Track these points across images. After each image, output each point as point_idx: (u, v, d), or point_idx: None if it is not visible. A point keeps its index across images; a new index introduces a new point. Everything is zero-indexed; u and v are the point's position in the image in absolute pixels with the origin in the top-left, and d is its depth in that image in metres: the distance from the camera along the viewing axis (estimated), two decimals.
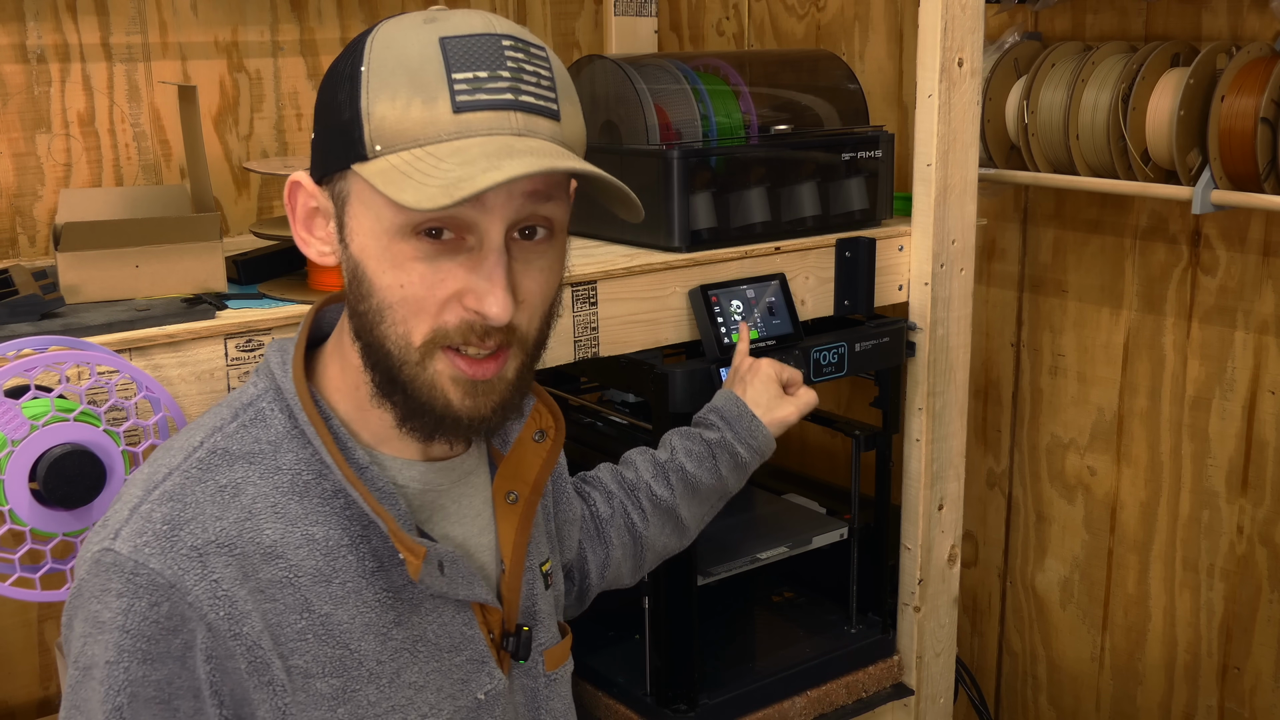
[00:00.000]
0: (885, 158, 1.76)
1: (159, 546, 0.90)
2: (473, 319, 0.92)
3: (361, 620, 0.97)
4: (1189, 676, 1.96)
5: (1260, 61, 1.61)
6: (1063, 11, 1.91)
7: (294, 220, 0.99)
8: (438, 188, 0.86)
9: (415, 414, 0.96)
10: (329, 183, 0.96)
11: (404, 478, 1.02)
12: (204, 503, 0.93)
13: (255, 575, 0.93)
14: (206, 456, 0.96)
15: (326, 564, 0.96)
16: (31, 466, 1.09)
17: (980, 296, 2.10)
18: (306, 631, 0.95)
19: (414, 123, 0.89)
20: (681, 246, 1.59)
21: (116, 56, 1.73)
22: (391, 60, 0.90)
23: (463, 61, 0.90)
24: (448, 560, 1.00)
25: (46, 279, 1.32)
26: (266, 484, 0.96)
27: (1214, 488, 1.88)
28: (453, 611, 1.03)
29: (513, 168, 0.86)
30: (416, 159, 0.89)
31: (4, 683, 1.76)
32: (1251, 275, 1.78)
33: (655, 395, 1.55)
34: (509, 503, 1.09)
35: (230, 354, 1.25)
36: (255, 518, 0.94)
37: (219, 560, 0.92)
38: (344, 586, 0.97)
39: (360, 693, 0.97)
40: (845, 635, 1.83)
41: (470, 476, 1.08)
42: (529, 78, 0.92)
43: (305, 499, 0.97)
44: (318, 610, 0.95)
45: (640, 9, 2.33)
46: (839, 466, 2.25)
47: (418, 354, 0.93)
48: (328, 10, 1.88)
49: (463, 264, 0.92)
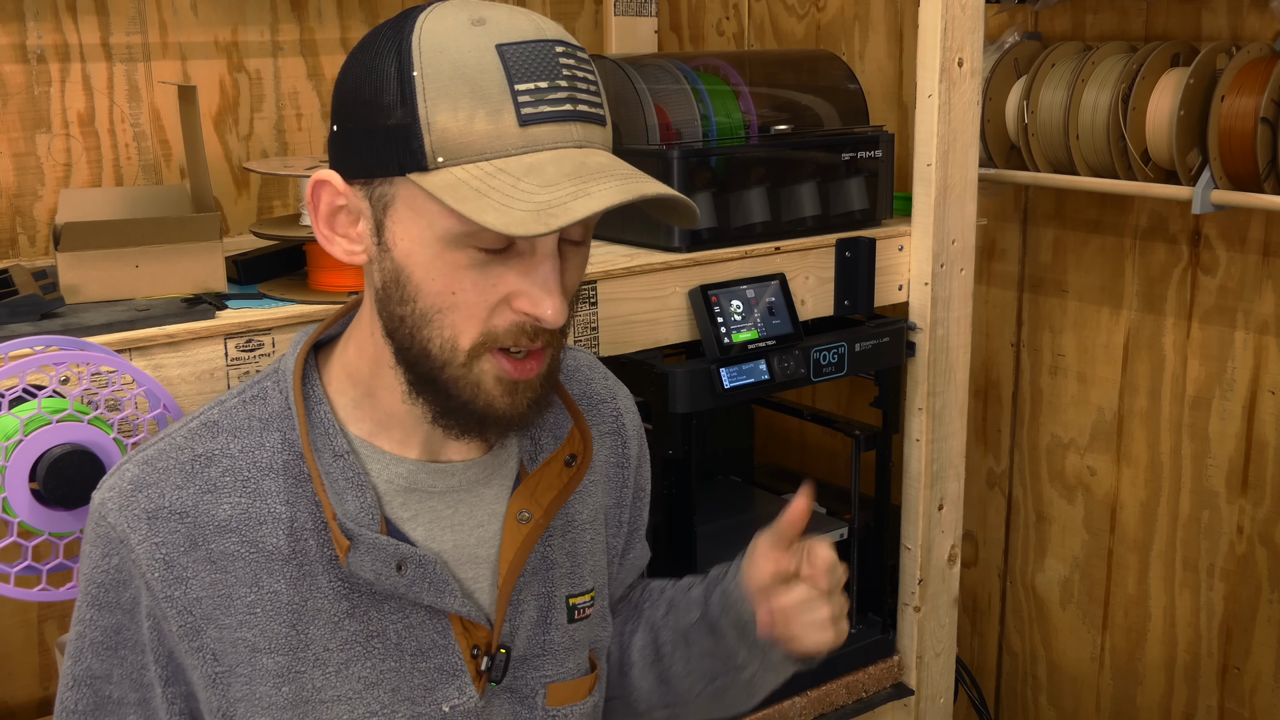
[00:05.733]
0: (885, 158, 1.76)
1: (119, 503, 0.96)
2: (524, 321, 0.93)
3: (313, 604, 0.98)
4: (1189, 676, 1.96)
5: (1260, 61, 1.61)
6: (1063, 11, 1.91)
7: (316, 217, 0.98)
8: (526, 213, 0.86)
9: (452, 412, 0.97)
10: (365, 184, 0.94)
11: (389, 473, 1.02)
12: (172, 470, 0.97)
13: (206, 545, 0.96)
14: (198, 427, 1.00)
15: (288, 544, 0.98)
16: (31, 466, 1.09)
17: (980, 296, 2.10)
18: (255, 605, 0.97)
19: (479, 135, 0.89)
20: (681, 246, 1.59)
21: (116, 56, 1.73)
22: (448, 67, 0.89)
23: (523, 72, 0.89)
24: (411, 562, 0.99)
25: (46, 279, 1.32)
26: (244, 458, 0.99)
27: (1214, 488, 1.88)
28: (423, 616, 1.02)
29: (602, 196, 0.87)
30: (488, 174, 0.88)
31: (4, 683, 1.76)
32: (1251, 275, 1.78)
33: (655, 395, 1.55)
34: (520, 521, 1.07)
35: (230, 354, 1.25)
36: (218, 490, 0.97)
37: (168, 526, 0.96)
38: (301, 569, 0.98)
39: (305, 675, 0.99)
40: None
41: (479, 486, 1.06)
42: (581, 85, 0.93)
43: (280, 477, 0.99)
44: (268, 587, 0.97)
45: (640, 9, 2.33)
46: (839, 466, 2.25)
47: (464, 356, 0.94)
48: (328, 10, 1.88)
49: (514, 268, 0.92)
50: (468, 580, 1.05)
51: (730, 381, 1.56)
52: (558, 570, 1.10)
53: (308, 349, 1.04)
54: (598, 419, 1.17)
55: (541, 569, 1.09)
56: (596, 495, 1.15)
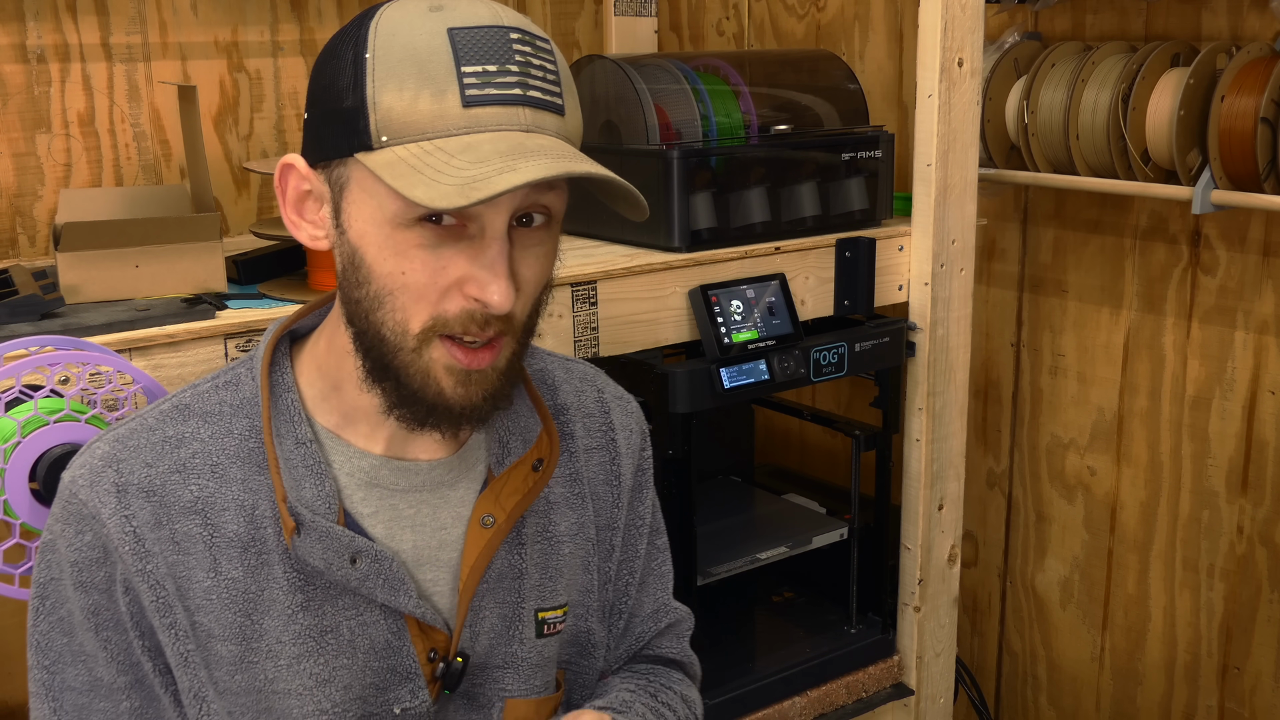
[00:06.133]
0: (885, 158, 1.76)
1: (89, 479, 0.96)
2: (473, 307, 0.92)
3: (268, 595, 0.98)
4: (1189, 676, 1.96)
5: (1260, 61, 1.61)
6: (1063, 11, 1.91)
7: (284, 203, 0.99)
8: (452, 186, 0.86)
9: (405, 401, 0.96)
10: (325, 167, 0.95)
11: (351, 466, 1.01)
12: (143, 449, 0.98)
13: (170, 525, 0.96)
14: (170, 410, 1.00)
15: (248, 531, 0.97)
16: (32, 466, 1.09)
17: (980, 296, 2.10)
18: (212, 591, 0.97)
19: (422, 115, 0.89)
20: (681, 246, 1.59)
21: (116, 56, 1.72)
22: (398, 49, 0.90)
23: (472, 54, 0.90)
24: (366, 556, 0.98)
25: (46, 279, 1.32)
26: (214, 444, 0.99)
27: (1214, 488, 1.88)
28: (377, 615, 1.00)
29: (528, 170, 0.87)
30: (426, 153, 0.89)
31: (4, 683, 1.76)
32: (1251, 275, 1.78)
33: (655, 395, 1.55)
34: (483, 526, 1.04)
35: (230, 354, 1.25)
36: (185, 472, 0.98)
37: (137, 501, 0.96)
38: (259, 557, 0.98)
39: (258, 666, 0.98)
40: (845, 635, 1.83)
41: (445, 488, 1.04)
42: (536, 72, 0.92)
43: (245, 465, 0.98)
44: (226, 573, 0.97)
45: (640, 9, 2.33)
46: (839, 466, 2.25)
47: (414, 341, 0.93)
48: (328, 10, 1.88)
49: (464, 251, 0.92)
50: (426, 582, 1.03)
51: (730, 381, 1.56)
52: (527, 581, 1.07)
53: (278, 336, 1.04)
54: (585, 431, 1.14)
55: (509, 577, 1.06)
56: (584, 510, 1.13)
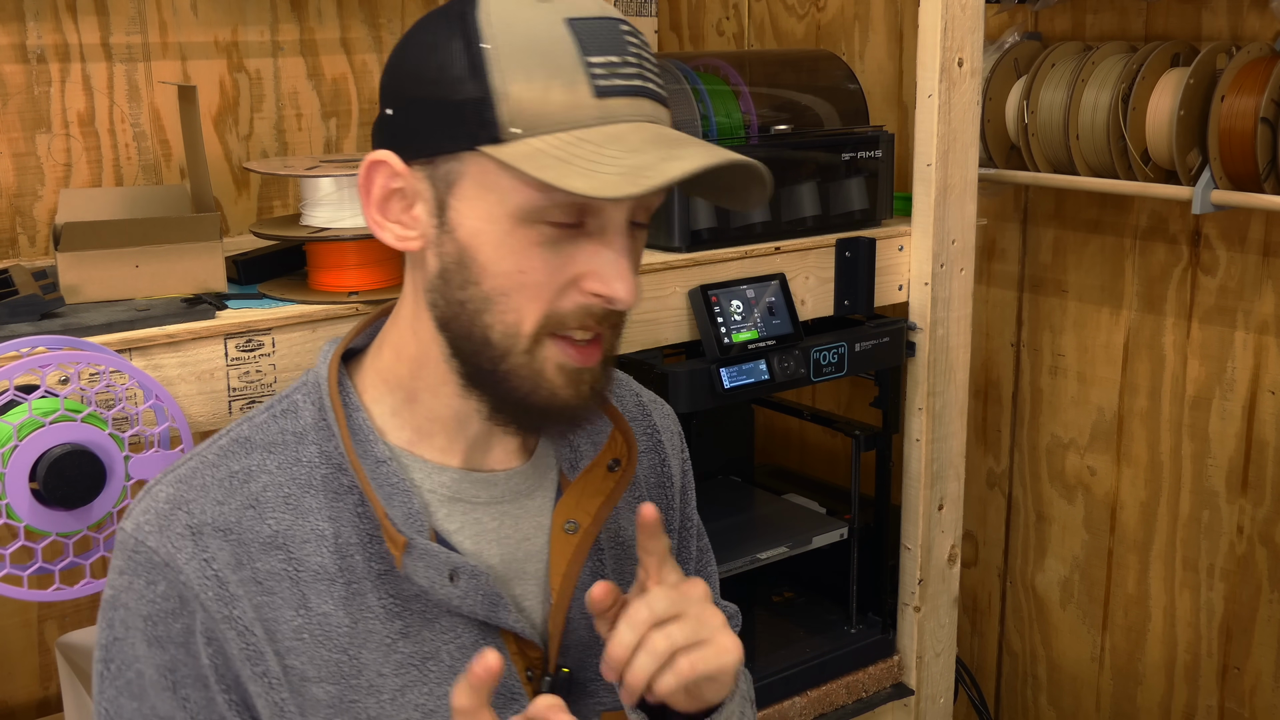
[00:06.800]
0: (885, 158, 1.76)
1: (157, 525, 0.91)
2: (591, 303, 0.90)
3: (364, 626, 0.93)
4: (1189, 676, 1.96)
5: (1260, 61, 1.61)
6: (1063, 11, 1.91)
7: (367, 203, 0.93)
8: (616, 176, 0.83)
9: (511, 406, 0.93)
10: (426, 164, 0.91)
11: (431, 482, 0.97)
12: (210, 486, 0.93)
13: (251, 564, 0.91)
14: (229, 444, 0.96)
15: (333, 561, 0.92)
16: (31, 466, 1.09)
17: (980, 296, 2.10)
18: (303, 630, 0.91)
19: (556, 106, 0.86)
20: (681, 246, 1.59)
21: (116, 56, 1.72)
22: (519, 39, 0.87)
23: (594, 45, 0.88)
24: (464, 572, 0.94)
25: (46, 279, 1.32)
26: (283, 474, 0.94)
27: (1214, 488, 1.88)
28: (476, 635, 0.96)
29: (691, 159, 0.85)
30: (569, 144, 0.86)
31: (4, 683, 1.76)
32: (1251, 275, 1.78)
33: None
34: (566, 532, 1.01)
35: (230, 354, 1.25)
36: (260, 506, 0.93)
37: (214, 542, 0.91)
38: (349, 587, 0.92)
39: (359, 705, 0.92)
40: (845, 635, 1.83)
41: (523, 498, 1.01)
42: (648, 64, 0.91)
43: (320, 493, 0.94)
44: (316, 609, 0.91)
45: (640, 9, 2.33)
46: (839, 466, 2.25)
47: (527, 342, 0.90)
48: (328, 10, 1.88)
49: (583, 248, 0.90)
50: (517, 596, 0.99)
51: (730, 381, 1.56)
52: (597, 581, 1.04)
53: (339, 357, 0.99)
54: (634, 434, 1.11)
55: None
56: None
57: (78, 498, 1.10)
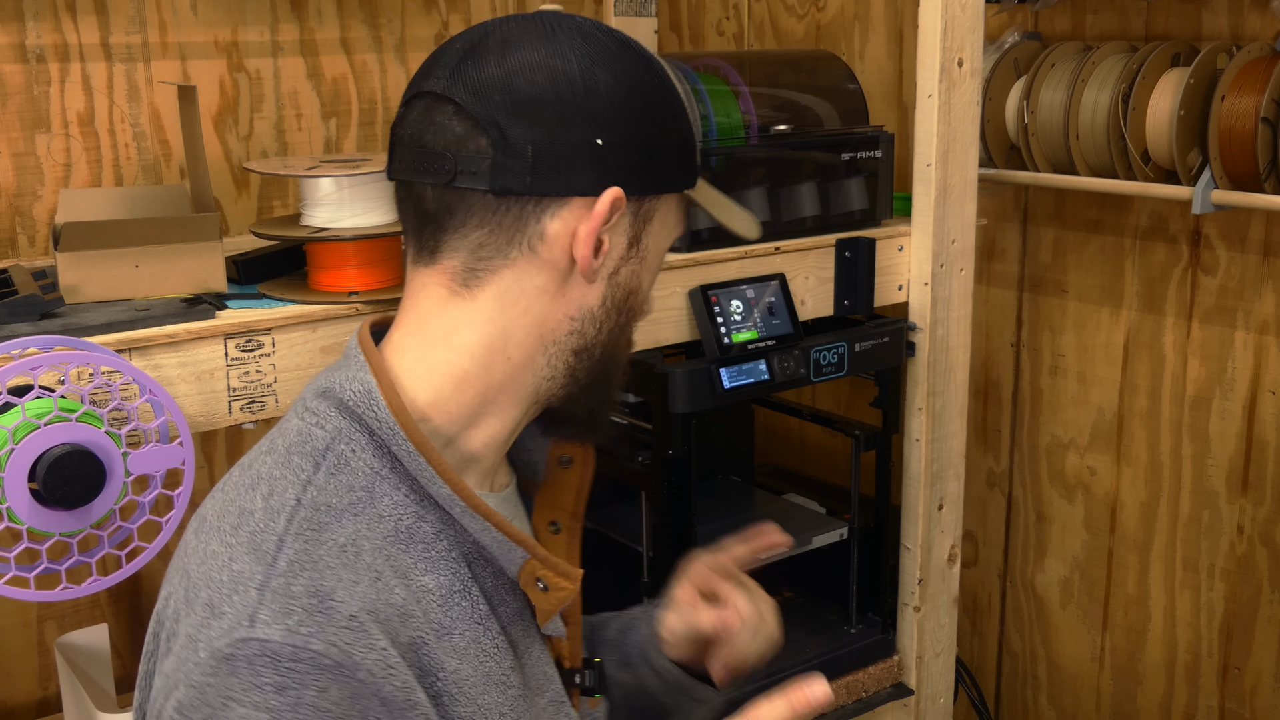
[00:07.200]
0: (885, 158, 1.76)
1: (315, 624, 0.79)
2: None
3: (483, 671, 0.90)
4: (1189, 677, 1.96)
5: (1260, 61, 1.61)
6: (1063, 11, 1.91)
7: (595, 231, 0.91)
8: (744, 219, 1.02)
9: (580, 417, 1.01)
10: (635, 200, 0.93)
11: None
12: (336, 567, 0.83)
13: (398, 640, 0.84)
14: (312, 515, 0.85)
15: (444, 615, 0.88)
16: (31, 466, 1.09)
17: (980, 296, 2.10)
18: (442, 694, 0.86)
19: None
20: (681, 246, 1.58)
21: (116, 56, 1.72)
22: (678, 87, 0.96)
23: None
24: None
25: (46, 279, 1.32)
26: (376, 536, 0.86)
27: (1214, 488, 1.88)
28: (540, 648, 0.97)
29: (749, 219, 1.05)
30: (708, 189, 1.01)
31: (4, 683, 1.76)
32: (1252, 275, 1.78)
33: (655, 395, 1.55)
34: (552, 533, 1.04)
35: (230, 354, 1.25)
36: (383, 578, 0.85)
37: (375, 627, 0.82)
38: (463, 637, 0.89)
39: None
40: (845, 635, 1.83)
41: (518, 509, 1.04)
42: None
43: (411, 546, 0.88)
44: (449, 668, 0.87)
45: (640, 9, 2.33)
46: (839, 466, 2.25)
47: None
48: (328, 10, 1.88)
49: None
50: None
51: (730, 381, 1.56)
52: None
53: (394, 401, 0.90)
54: None
55: None
56: None
57: (78, 497, 1.10)
